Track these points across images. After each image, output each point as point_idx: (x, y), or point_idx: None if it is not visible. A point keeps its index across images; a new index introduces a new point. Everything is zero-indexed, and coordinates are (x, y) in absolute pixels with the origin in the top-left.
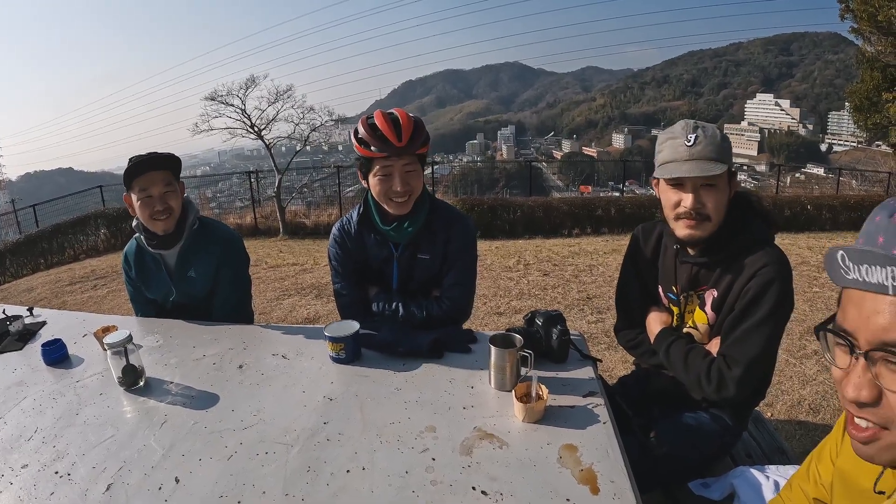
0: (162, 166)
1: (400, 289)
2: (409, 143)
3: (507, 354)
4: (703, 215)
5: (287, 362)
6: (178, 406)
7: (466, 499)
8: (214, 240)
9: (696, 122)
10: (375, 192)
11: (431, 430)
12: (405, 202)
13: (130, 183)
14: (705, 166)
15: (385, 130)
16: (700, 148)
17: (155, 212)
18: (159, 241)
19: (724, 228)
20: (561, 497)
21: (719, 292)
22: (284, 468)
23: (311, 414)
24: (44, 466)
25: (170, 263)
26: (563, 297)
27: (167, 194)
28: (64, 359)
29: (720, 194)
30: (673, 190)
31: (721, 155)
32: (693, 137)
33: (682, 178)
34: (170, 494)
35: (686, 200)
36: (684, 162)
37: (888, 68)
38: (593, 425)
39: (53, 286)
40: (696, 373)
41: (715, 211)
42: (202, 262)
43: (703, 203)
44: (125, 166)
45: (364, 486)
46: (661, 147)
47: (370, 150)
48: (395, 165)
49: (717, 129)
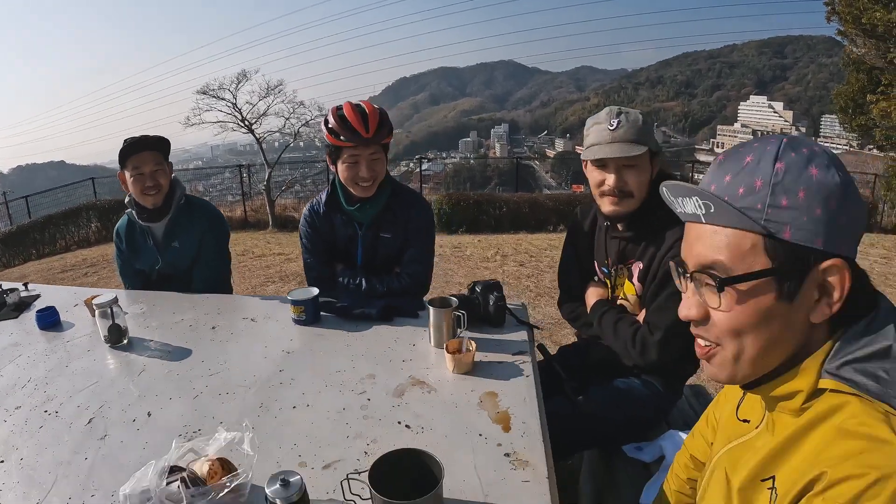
0: (153, 147)
1: (364, 265)
2: (375, 134)
3: (444, 314)
4: (626, 192)
5: (255, 324)
6: (155, 359)
7: (392, 430)
8: (198, 215)
9: (621, 108)
10: (343, 177)
11: (371, 377)
12: (370, 186)
13: (124, 161)
14: (626, 148)
15: (354, 122)
16: (622, 131)
17: (146, 187)
18: (149, 215)
19: (646, 204)
20: (474, 432)
21: (644, 264)
22: (241, 405)
23: (270, 364)
24: (34, 407)
25: (157, 235)
26: (536, 286)
27: (157, 172)
28: (56, 324)
29: (641, 173)
30: (598, 170)
31: (641, 137)
32: (616, 122)
33: (605, 158)
34: (142, 425)
35: (609, 179)
36: (607, 144)
37: (873, 70)
38: (517, 378)
39: (45, 273)
40: (624, 339)
41: (637, 188)
42: (186, 235)
43: (625, 181)
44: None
45: (306, 419)
46: (588, 132)
47: (339, 139)
48: (362, 154)
49: (639, 114)
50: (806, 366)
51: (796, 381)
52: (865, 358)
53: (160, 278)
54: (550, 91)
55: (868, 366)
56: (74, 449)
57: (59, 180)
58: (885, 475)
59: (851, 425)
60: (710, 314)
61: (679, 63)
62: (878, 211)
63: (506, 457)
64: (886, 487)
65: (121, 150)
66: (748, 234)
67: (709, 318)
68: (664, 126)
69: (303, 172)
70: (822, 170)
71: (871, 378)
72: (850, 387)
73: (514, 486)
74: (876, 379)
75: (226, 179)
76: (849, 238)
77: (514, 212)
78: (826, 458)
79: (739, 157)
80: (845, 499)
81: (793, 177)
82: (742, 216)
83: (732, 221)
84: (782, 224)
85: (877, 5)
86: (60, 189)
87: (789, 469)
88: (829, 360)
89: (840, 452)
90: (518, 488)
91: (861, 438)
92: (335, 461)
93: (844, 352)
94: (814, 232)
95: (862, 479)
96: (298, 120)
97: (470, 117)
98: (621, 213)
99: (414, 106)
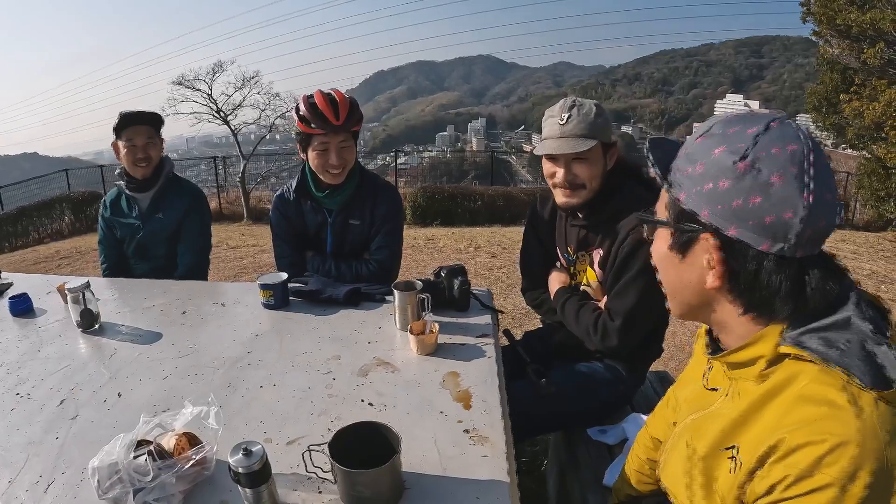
0: (147, 122)
1: (334, 252)
2: (345, 122)
3: (408, 297)
4: (577, 185)
5: (224, 308)
6: (126, 342)
7: (355, 407)
8: (184, 191)
9: (575, 99)
10: (313, 164)
11: (337, 358)
12: (339, 174)
13: (119, 133)
14: (574, 143)
15: (324, 110)
16: (571, 126)
17: (137, 159)
18: (137, 185)
19: (600, 195)
20: (436, 409)
21: (604, 252)
22: (209, 385)
23: (238, 346)
24: (7, 390)
25: (142, 205)
26: (508, 277)
27: (148, 145)
28: (29, 310)
29: (592, 166)
30: (549, 163)
31: (591, 131)
32: (566, 116)
33: (553, 153)
34: (112, 405)
35: (559, 173)
36: (556, 139)
37: (847, 70)
38: (479, 359)
39: (18, 266)
40: (586, 325)
41: (588, 180)
42: (170, 207)
43: (576, 174)
44: (92, 151)
45: (272, 398)
46: (543, 124)
47: (310, 126)
48: (332, 142)
49: (593, 106)
50: (764, 334)
51: (757, 347)
52: (825, 328)
53: (138, 248)
54: (528, 86)
55: (828, 335)
56: (46, 429)
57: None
58: (843, 441)
59: (810, 391)
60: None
61: (656, 61)
62: (851, 209)
63: (465, 433)
64: (844, 454)
65: (116, 122)
66: (665, 192)
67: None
68: (640, 123)
69: (278, 165)
70: (727, 154)
71: (832, 347)
72: (810, 353)
73: (472, 461)
74: (836, 348)
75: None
76: (751, 223)
77: (489, 205)
78: (785, 425)
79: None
80: (804, 465)
81: (701, 151)
82: (661, 176)
83: (660, 180)
84: (680, 188)
85: (851, 7)
86: (34, 181)
87: (751, 437)
88: (789, 328)
89: (798, 419)
90: (476, 462)
91: (820, 404)
92: (299, 437)
93: (806, 320)
94: (700, 203)
95: (820, 446)
96: (274, 112)
97: (447, 111)
98: (573, 205)
99: (391, 99)
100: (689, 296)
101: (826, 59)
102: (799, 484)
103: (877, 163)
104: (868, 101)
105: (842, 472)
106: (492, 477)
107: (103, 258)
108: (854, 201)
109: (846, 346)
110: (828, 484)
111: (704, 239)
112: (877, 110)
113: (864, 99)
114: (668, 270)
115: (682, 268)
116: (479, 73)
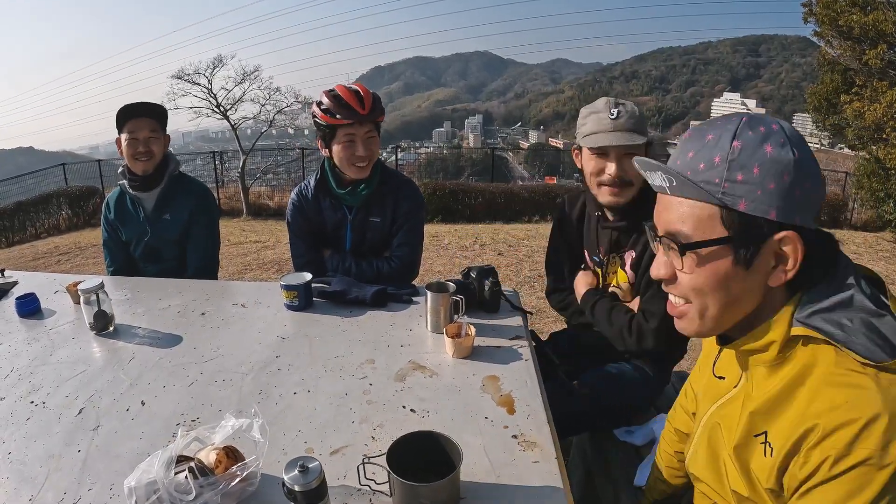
0: (150, 114)
1: (353, 250)
2: (370, 112)
3: (441, 298)
4: (626, 182)
5: (245, 310)
6: (145, 346)
7: (397, 414)
8: (190, 190)
9: (617, 99)
10: (338, 158)
11: (371, 362)
12: (366, 167)
13: (122, 125)
14: (628, 137)
15: (349, 100)
16: (623, 121)
17: (137, 152)
18: (140, 183)
19: (639, 195)
20: (480, 416)
21: (637, 253)
22: (239, 392)
23: (265, 349)
24: (20, 398)
25: (147, 207)
26: (516, 275)
27: (151, 139)
28: (37, 311)
29: None
30: (597, 159)
31: (640, 128)
32: (616, 111)
33: (607, 147)
34: (136, 414)
35: (610, 168)
36: (609, 133)
37: (847, 71)
38: (516, 361)
39: (17, 262)
40: (619, 327)
41: (636, 177)
42: (177, 208)
43: (626, 170)
44: (87, 146)
45: (308, 405)
46: (585, 121)
47: (335, 117)
48: (358, 133)
49: (635, 106)
50: (776, 319)
51: (770, 334)
52: (830, 308)
53: (146, 251)
54: (525, 83)
55: (833, 315)
56: (66, 441)
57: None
58: (872, 416)
59: (833, 376)
60: (677, 275)
61: (654, 58)
62: (849, 209)
63: (513, 438)
64: (876, 428)
65: (118, 114)
66: (707, 206)
67: (676, 277)
68: None
69: (276, 160)
70: (776, 147)
71: (837, 326)
72: (821, 334)
73: (524, 467)
74: (840, 327)
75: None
76: (806, 209)
77: (490, 202)
78: (815, 412)
79: (702, 134)
80: (841, 445)
81: (748, 154)
82: (700, 190)
83: (693, 194)
84: (738, 197)
85: (854, 8)
86: (30, 175)
87: (782, 423)
88: (798, 310)
89: (828, 404)
90: (529, 469)
91: (844, 387)
92: (343, 447)
93: (812, 302)
94: (767, 204)
95: (853, 426)
96: (274, 107)
97: (444, 107)
98: (620, 204)
99: (388, 95)
100: (749, 303)
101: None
102: (840, 463)
103: (876, 164)
104: (869, 102)
105: (877, 444)
106: (545, 483)
107: (109, 261)
108: (853, 202)
109: (850, 324)
110: (867, 458)
111: (780, 239)
112: (878, 112)
113: (866, 100)
114: (731, 286)
115: (748, 278)
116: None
